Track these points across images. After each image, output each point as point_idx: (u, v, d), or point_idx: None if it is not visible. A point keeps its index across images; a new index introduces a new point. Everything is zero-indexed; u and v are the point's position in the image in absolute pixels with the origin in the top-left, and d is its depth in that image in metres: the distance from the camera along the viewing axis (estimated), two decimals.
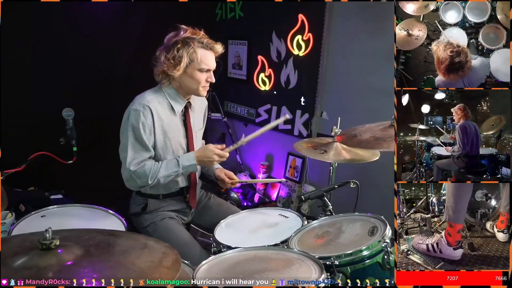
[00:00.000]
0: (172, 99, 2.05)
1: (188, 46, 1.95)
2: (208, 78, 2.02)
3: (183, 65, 1.95)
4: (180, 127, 2.10)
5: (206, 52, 1.99)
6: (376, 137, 1.92)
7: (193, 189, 2.17)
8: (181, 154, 2.08)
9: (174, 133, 2.06)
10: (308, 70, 3.37)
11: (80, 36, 3.44)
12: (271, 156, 3.96)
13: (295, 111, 3.53)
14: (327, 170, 2.47)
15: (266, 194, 3.89)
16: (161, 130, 2.02)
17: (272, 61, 3.69)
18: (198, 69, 1.98)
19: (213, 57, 2.02)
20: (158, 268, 1.12)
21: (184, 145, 2.11)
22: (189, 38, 1.96)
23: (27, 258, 1.07)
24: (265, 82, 3.79)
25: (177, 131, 2.08)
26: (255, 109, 3.94)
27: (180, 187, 2.14)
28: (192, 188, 2.17)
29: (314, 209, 3.27)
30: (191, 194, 2.17)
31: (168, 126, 2.04)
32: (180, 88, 2.05)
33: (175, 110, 2.05)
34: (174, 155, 2.06)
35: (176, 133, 2.07)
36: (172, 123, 2.06)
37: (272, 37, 3.64)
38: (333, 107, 3.27)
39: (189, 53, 1.94)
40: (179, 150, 2.09)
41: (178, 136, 2.08)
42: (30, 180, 3.01)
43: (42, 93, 3.29)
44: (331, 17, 3.19)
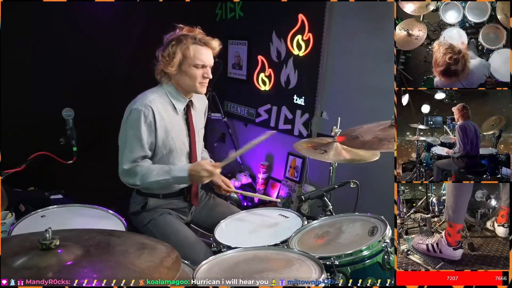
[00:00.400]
0: (173, 97, 2.06)
1: (181, 43, 1.97)
2: (205, 74, 2.02)
3: (176, 62, 1.97)
4: (183, 126, 2.10)
5: (200, 48, 2.00)
6: (379, 137, 1.92)
7: (194, 188, 2.18)
8: (185, 153, 2.11)
9: (177, 132, 2.07)
10: (308, 70, 3.37)
11: (80, 36, 3.44)
12: (271, 156, 3.96)
13: (295, 111, 3.53)
14: (327, 170, 2.48)
15: (266, 194, 3.89)
16: (164, 130, 2.02)
17: (272, 61, 3.70)
18: (193, 65, 1.99)
19: (208, 53, 2.02)
20: (158, 268, 1.12)
21: (187, 144, 2.12)
22: (183, 35, 1.99)
23: (27, 258, 1.07)
24: (265, 82, 3.79)
25: (180, 130, 2.08)
26: (255, 109, 3.94)
27: (180, 187, 2.14)
28: (193, 187, 2.17)
29: (314, 209, 3.27)
30: (193, 193, 2.17)
31: (170, 125, 2.04)
32: (179, 86, 2.06)
33: (177, 109, 2.06)
34: (178, 154, 2.08)
35: (179, 132, 2.08)
36: (175, 122, 2.06)
37: (272, 37, 3.64)
38: (333, 107, 3.27)
39: (182, 49, 1.97)
40: (183, 149, 2.10)
41: (181, 135, 2.09)
42: (30, 180, 3.02)
43: (42, 93, 3.29)
44: (331, 17, 3.19)
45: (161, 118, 2.01)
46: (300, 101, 3.48)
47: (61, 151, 2.10)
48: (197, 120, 2.18)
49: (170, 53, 1.98)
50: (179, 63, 1.99)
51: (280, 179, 3.78)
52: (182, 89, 2.06)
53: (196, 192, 2.19)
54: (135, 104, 1.99)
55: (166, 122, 2.03)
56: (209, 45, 2.02)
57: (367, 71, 2.95)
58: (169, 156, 2.07)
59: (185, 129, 2.11)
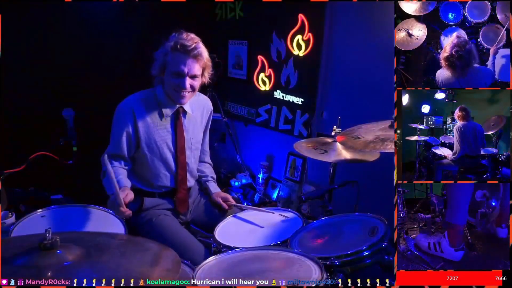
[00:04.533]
0: (162, 102, 2.06)
1: (164, 48, 1.96)
2: (181, 83, 1.95)
3: (157, 66, 1.99)
4: (169, 131, 2.09)
5: (181, 55, 1.92)
6: (381, 138, 1.91)
7: (180, 194, 2.14)
8: (171, 160, 2.10)
9: (161, 137, 2.06)
10: (308, 70, 3.37)
11: (80, 36, 3.44)
12: (271, 156, 3.96)
13: (295, 111, 3.53)
14: (327, 170, 2.47)
15: (266, 194, 3.89)
16: (146, 132, 2.03)
17: (272, 61, 3.69)
18: (171, 73, 1.96)
19: (188, 61, 1.93)
20: (158, 269, 1.12)
21: (173, 149, 2.10)
22: (169, 41, 1.97)
23: (27, 258, 1.07)
24: (265, 82, 3.79)
25: (164, 136, 2.07)
26: (255, 109, 3.94)
27: (171, 188, 2.14)
28: (179, 193, 2.14)
29: (314, 209, 3.26)
30: (178, 199, 2.14)
31: (154, 128, 2.04)
32: (166, 91, 2.05)
33: (164, 114, 2.06)
34: (163, 160, 2.08)
35: (163, 137, 2.07)
36: (159, 126, 2.06)
37: (272, 37, 3.63)
38: (333, 107, 3.27)
39: (163, 54, 1.97)
40: (168, 155, 2.09)
41: (167, 139, 2.08)
42: (30, 180, 3.01)
43: (42, 93, 3.29)
44: (331, 17, 3.18)
45: (144, 120, 2.02)
46: (300, 101, 3.48)
47: (61, 151, 2.10)
48: (190, 127, 2.15)
49: (154, 57, 2.00)
50: (161, 69, 1.99)
51: (280, 179, 3.78)
52: (168, 95, 2.05)
53: (182, 199, 2.15)
54: (121, 103, 2.04)
55: (150, 125, 2.03)
56: (190, 54, 1.92)
57: (367, 71, 2.95)
58: (154, 160, 2.07)
59: (171, 134, 2.09)
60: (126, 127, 2.01)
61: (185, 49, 1.92)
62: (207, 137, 2.32)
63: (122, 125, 2.01)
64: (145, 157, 2.06)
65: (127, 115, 2.00)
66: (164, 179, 2.11)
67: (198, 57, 1.96)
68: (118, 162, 2.05)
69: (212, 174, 2.36)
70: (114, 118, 2.04)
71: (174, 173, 2.12)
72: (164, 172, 2.10)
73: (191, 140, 2.16)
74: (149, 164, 2.07)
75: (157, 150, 2.06)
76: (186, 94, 2.00)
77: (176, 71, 1.94)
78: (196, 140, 2.20)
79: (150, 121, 2.04)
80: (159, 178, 2.10)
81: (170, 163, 2.11)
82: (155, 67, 2.01)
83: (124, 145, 2.03)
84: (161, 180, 2.11)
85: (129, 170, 2.08)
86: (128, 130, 2.01)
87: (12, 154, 2.01)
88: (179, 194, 2.14)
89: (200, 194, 2.31)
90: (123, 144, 2.02)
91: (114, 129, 2.04)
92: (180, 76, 1.95)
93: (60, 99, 2.54)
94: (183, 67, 1.94)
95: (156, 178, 2.10)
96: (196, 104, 2.18)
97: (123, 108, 2.02)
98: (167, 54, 1.95)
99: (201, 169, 2.32)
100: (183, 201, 2.16)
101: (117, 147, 2.03)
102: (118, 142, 2.02)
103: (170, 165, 2.11)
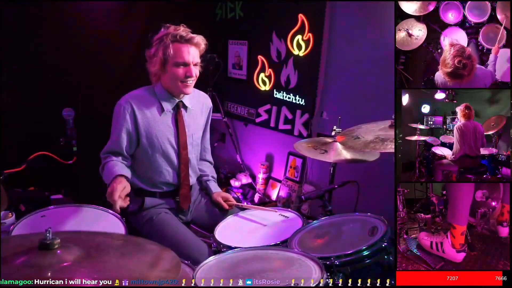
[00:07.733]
0: (162, 97, 2.07)
1: (162, 42, 1.97)
2: (187, 72, 1.99)
3: (157, 61, 1.99)
4: (170, 126, 2.09)
5: (181, 45, 1.96)
6: (381, 138, 1.91)
7: (183, 190, 2.15)
8: (173, 155, 2.10)
9: (163, 132, 2.07)
10: (308, 70, 3.37)
11: (80, 36, 3.44)
12: (271, 156, 3.96)
13: (295, 111, 3.53)
14: (327, 170, 2.47)
15: (266, 194, 3.89)
16: (147, 128, 2.04)
17: (272, 61, 3.69)
18: (174, 64, 1.98)
19: (191, 50, 1.98)
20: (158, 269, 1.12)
21: (175, 145, 2.10)
22: (165, 35, 1.98)
23: (27, 258, 1.07)
24: (265, 82, 3.79)
25: (166, 131, 2.08)
26: (255, 109, 3.94)
27: (173, 187, 2.14)
28: (182, 190, 2.15)
29: (314, 209, 3.27)
30: (182, 196, 2.15)
31: (154, 124, 2.05)
32: (166, 86, 2.06)
33: (164, 109, 2.06)
34: (165, 155, 2.08)
35: (165, 133, 2.07)
36: (160, 121, 2.06)
37: (272, 37, 3.63)
38: (333, 107, 3.27)
39: (163, 48, 1.97)
40: (170, 151, 2.09)
41: (168, 134, 2.08)
42: (30, 180, 3.01)
43: (42, 93, 3.28)
44: (331, 17, 3.18)
45: (144, 116, 2.03)
46: (300, 101, 3.48)
47: (61, 151, 2.10)
48: (191, 123, 2.16)
49: (152, 53, 2.00)
50: (162, 63, 1.99)
51: (280, 179, 3.78)
52: (171, 90, 2.06)
53: (185, 195, 2.16)
54: (120, 99, 2.05)
55: (150, 120, 2.04)
56: (191, 43, 1.99)
57: (367, 71, 2.95)
58: (156, 156, 2.07)
59: (173, 130, 2.10)
60: (126, 123, 2.01)
61: (185, 39, 1.97)
62: (207, 134, 2.33)
63: (121, 121, 2.01)
64: (147, 153, 2.06)
65: (126, 111, 2.01)
66: (167, 175, 2.11)
67: (198, 44, 2.01)
68: (117, 158, 2.05)
69: (213, 173, 2.36)
70: (114, 115, 2.05)
71: (176, 169, 2.12)
72: (167, 168, 2.10)
73: (193, 136, 2.17)
74: (151, 160, 2.07)
75: (158, 146, 2.06)
76: (191, 83, 2.04)
77: (182, 61, 1.98)
78: (197, 136, 2.21)
79: (150, 116, 2.04)
80: (161, 175, 2.10)
81: (173, 158, 2.10)
82: (155, 63, 2.00)
83: (124, 142, 2.02)
84: (164, 176, 2.10)
85: (130, 168, 2.08)
86: (128, 126, 2.01)
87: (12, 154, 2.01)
88: (182, 190, 2.15)
89: (201, 194, 2.30)
90: (123, 140, 2.02)
91: (114, 126, 2.04)
92: (186, 65, 1.99)
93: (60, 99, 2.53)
94: (187, 56, 1.98)
95: (159, 175, 2.10)
96: (195, 100, 2.18)
97: (122, 105, 2.02)
98: (167, 47, 1.96)
99: (202, 168, 2.32)
100: (186, 197, 2.17)
101: (117, 143, 2.03)
102: (118, 139, 2.02)
103: (173, 161, 2.11)
